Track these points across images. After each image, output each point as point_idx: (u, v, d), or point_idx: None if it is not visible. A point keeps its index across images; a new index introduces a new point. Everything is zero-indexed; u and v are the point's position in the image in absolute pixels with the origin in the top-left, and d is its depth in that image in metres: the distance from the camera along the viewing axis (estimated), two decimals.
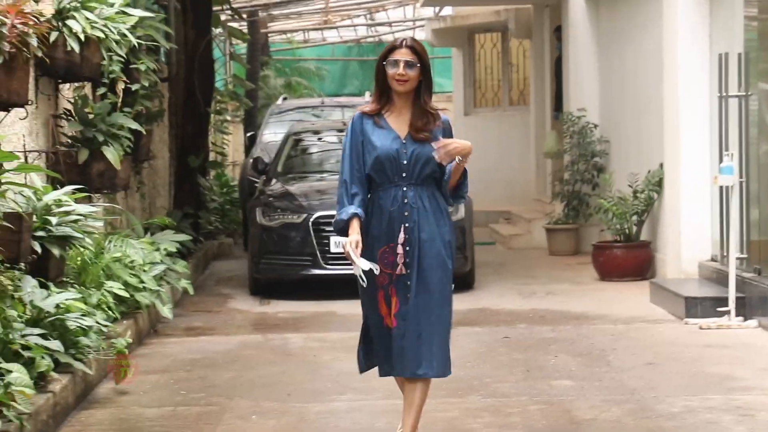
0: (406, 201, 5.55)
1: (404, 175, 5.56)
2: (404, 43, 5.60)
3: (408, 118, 5.60)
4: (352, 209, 5.59)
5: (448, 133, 5.64)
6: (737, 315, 9.44)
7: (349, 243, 5.55)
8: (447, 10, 22.54)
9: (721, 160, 10.03)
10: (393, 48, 5.60)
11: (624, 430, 6.28)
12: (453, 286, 5.72)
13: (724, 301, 9.55)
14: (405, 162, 5.54)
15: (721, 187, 10.21)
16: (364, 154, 5.61)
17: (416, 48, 5.58)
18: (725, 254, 10.14)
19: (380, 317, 5.68)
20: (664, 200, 12.00)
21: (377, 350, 5.75)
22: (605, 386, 7.39)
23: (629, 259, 12.39)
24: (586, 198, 14.71)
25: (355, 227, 5.56)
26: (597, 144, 14.68)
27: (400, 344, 5.58)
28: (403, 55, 5.54)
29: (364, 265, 5.52)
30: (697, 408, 6.72)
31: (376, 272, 5.55)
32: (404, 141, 5.59)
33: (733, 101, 10.27)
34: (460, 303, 10.99)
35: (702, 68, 11.12)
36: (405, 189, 5.57)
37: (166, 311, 9.45)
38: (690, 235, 11.15)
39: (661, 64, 11.73)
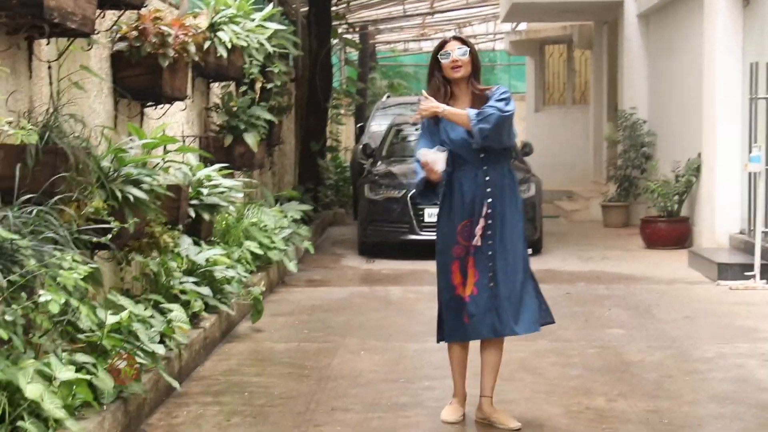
0: (487, 179, 5.11)
1: (481, 156, 5.11)
2: (451, 37, 5.20)
3: (467, 105, 5.10)
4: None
5: (493, 98, 5.07)
6: (761, 278, 9.26)
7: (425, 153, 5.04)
8: (522, 25, 22.34)
9: (750, 151, 9.83)
10: (443, 43, 5.15)
11: (666, 371, 6.19)
12: (530, 250, 5.38)
13: (750, 267, 9.37)
14: (476, 147, 5.10)
15: (750, 173, 10.01)
16: (440, 136, 5.13)
17: (463, 39, 5.19)
18: (752, 228, 9.94)
19: (453, 287, 5.14)
20: (701, 183, 11.79)
21: (447, 319, 5.20)
22: (650, 335, 7.30)
23: (671, 231, 12.21)
24: (636, 181, 14.51)
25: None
26: (645, 136, 14.47)
27: (484, 308, 5.06)
28: (453, 46, 5.10)
29: (437, 156, 5.01)
30: (728, 354, 6.61)
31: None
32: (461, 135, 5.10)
33: (761, 102, 10.04)
34: (531, 265, 10.95)
35: (735, 74, 10.90)
36: (485, 168, 5.11)
37: (292, 266, 9.55)
38: (723, 212, 10.96)
39: (701, 70, 11.52)
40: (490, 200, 5.14)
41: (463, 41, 5.16)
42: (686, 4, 12.64)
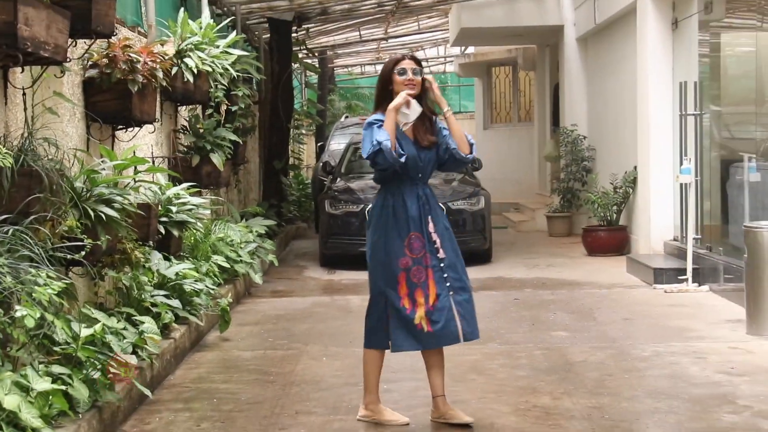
0: (425, 196, 5.06)
1: (420, 175, 5.06)
2: (406, 55, 5.13)
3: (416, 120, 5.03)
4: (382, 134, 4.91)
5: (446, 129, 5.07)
6: (693, 282, 9.38)
7: (403, 97, 4.94)
8: (470, 49, 22.49)
9: (681, 163, 9.95)
10: (398, 60, 5.07)
11: (606, 369, 6.25)
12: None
13: (683, 271, 9.49)
14: (422, 165, 5.04)
15: (681, 184, 10.13)
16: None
17: (417, 58, 5.13)
18: (684, 235, 10.07)
19: (399, 297, 5.01)
20: (637, 194, 11.91)
21: (394, 328, 5.03)
22: (592, 336, 7.37)
23: (610, 239, 12.32)
24: (578, 192, 14.64)
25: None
26: (586, 151, 14.60)
27: (447, 317, 4.98)
28: (409, 64, 5.04)
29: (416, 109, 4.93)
30: (663, 352, 6.69)
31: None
32: (420, 147, 5.06)
33: (690, 118, 10.20)
34: (481, 273, 11.03)
35: (666, 93, 11.03)
36: (423, 186, 5.08)
37: (257, 278, 9.52)
38: (657, 220, 11.07)
39: (635, 89, 11.65)
40: (430, 216, 5.09)
41: (417, 61, 5.10)
42: (621, 28, 12.79)
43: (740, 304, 7.77)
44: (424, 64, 28.85)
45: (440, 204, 5.21)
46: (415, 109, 4.99)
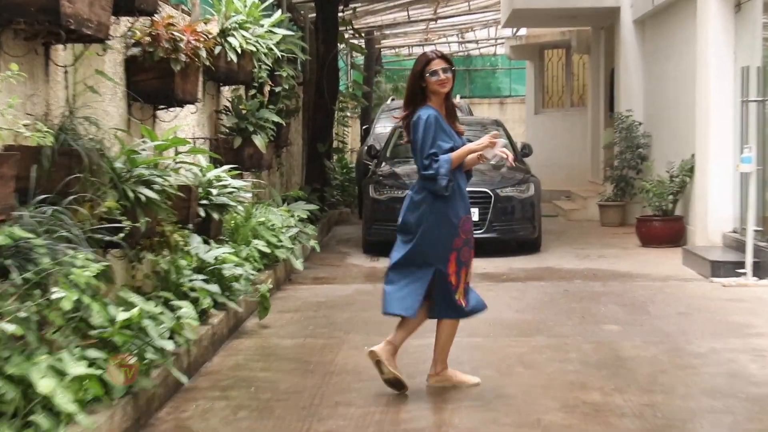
0: (468, 182, 5.71)
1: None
2: (437, 54, 5.49)
3: (443, 113, 5.54)
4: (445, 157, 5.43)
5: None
6: (753, 275, 9.23)
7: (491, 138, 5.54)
8: (522, 31, 22.32)
9: (742, 152, 9.79)
10: (429, 60, 5.44)
11: (660, 365, 6.17)
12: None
13: (742, 265, 9.34)
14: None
15: (741, 174, 9.97)
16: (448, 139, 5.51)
17: (447, 57, 5.51)
18: (744, 227, 9.91)
19: (447, 274, 5.51)
20: (694, 183, 11.75)
21: (437, 298, 5.56)
22: (645, 330, 7.28)
23: (666, 229, 12.18)
24: (632, 181, 14.48)
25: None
26: (641, 138, 14.43)
27: (474, 294, 5.77)
28: (439, 64, 5.44)
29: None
30: (720, 349, 6.58)
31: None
32: (459, 135, 5.62)
33: (752, 105, 10.00)
34: (530, 262, 10.96)
35: (728, 78, 10.86)
36: (465, 173, 5.70)
37: (298, 264, 9.53)
38: (715, 211, 10.92)
39: (695, 74, 11.48)
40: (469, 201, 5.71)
41: (447, 59, 5.48)
42: (681, 10, 12.60)
43: None
44: (473, 45, 28.75)
45: (488, 191, 5.84)
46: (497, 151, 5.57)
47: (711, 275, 9.51)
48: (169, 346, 5.27)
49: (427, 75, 5.44)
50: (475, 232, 11.35)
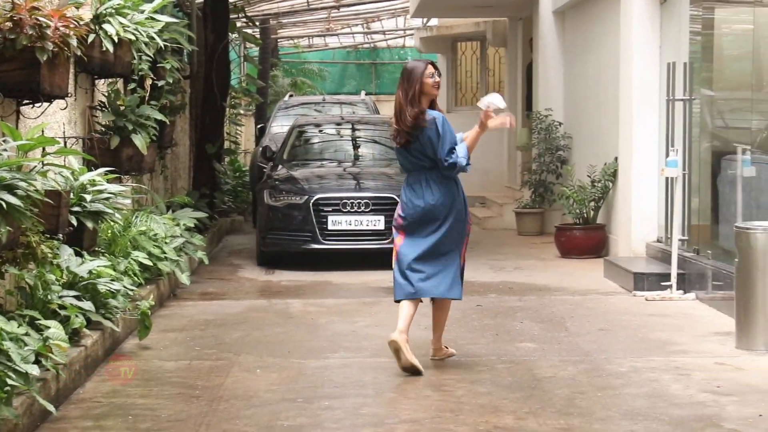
0: None
1: None
2: (430, 62, 6.83)
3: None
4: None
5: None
6: (678, 289, 9.48)
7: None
8: (433, 21, 22.54)
9: (667, 155, 10.05)
10: (427, 64, 6.82)
11: (578, 387, 6.30)
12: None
13: (667, 277, 9.59)
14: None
15: (667, 178, 10.23)
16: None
17: (436, 65, 6.85)
18: (669, 236, 10.16)
19: (461, 256, 6.97)
20: (617, 189, 12.02)
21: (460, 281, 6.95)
22: (563, 348, 7.42)
23: (586, 239, 12.42)
24: (551, 186, 14.73)
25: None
26: (561, 139, 14.69)
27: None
28: (433, 68, 6.79)
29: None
30: (642, 368, 6.75)
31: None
32: None
33: (678, 104, 10.29)
34: None
35: (652, 75, 11.12)
36: None
37: (184, 278, 9.46)
38: (639, 219, 11.16)
39: (618, 70, 11.74)
40: None
41: (436, 67, 6.83)
42: (603, 0, 12.88)
43: (730, 314, 7.88)
44: (381, 36, 29.02)
45: (395, 196, 6.34)
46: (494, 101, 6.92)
47: (634, 288, 9.74)
48: (34, 370, 5.18)
49: (428, 78, 6.73)
50: (380, 242, 11.62)
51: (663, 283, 9.58)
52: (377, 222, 11.60)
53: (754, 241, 7.27)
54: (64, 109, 8.24)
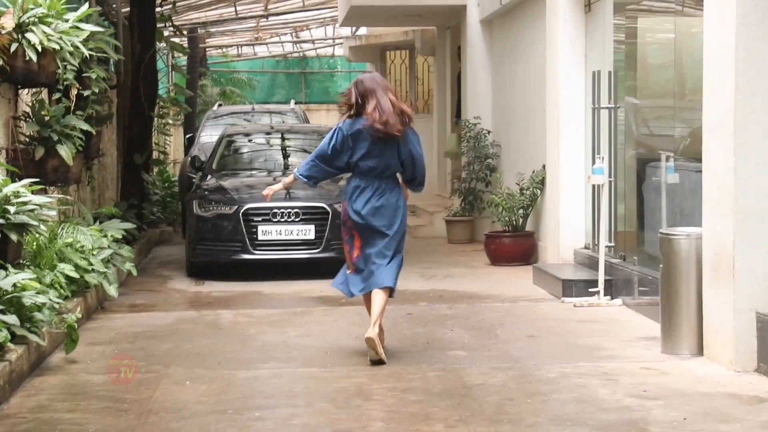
0: None
1: None
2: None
3: None
4: None
5: None
6: (605, 295, 9.59)
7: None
8: (362, 30, 22.60)
9: (593, 162, 10.15)
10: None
11: (508, 393, 6.36)
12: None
13: (594, 283, 9.69)
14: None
15: (593, 186, 10.34)
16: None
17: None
18: (596, 243, 10.29)
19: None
20: (545, 196, 12.13)
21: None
22: (493, 356, 7.48)
23: (516, 246, 12.52)
24: (480, 194, 14.83)
25: None
26: (490, 147, 14.80)
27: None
28: None
29: None
30: (570, 374, 6.83)
31: None
32: None
33: (604, 112, 10.42)
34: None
35: (578, 83, 11.25)
36: None
37: (112, 290, 9.37)
38: (567, 226, 11.27)
39: (544, 79, 11.87)
40: None
41: None
42: (530, 9, 13.02)
43: (656, 319, 7.99)
44: (310, 45, 28.94)
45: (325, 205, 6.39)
46: None
47: (562, 295, 9.85)
48: None
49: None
50: (311, 251, 11.61)
51: (591, 290, 9.69)
52: (307, 231, 11.59)
53: (677, 247, 7.39)
54: None
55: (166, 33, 17.89)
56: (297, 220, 11.58)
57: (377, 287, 7.35)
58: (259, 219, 11.59)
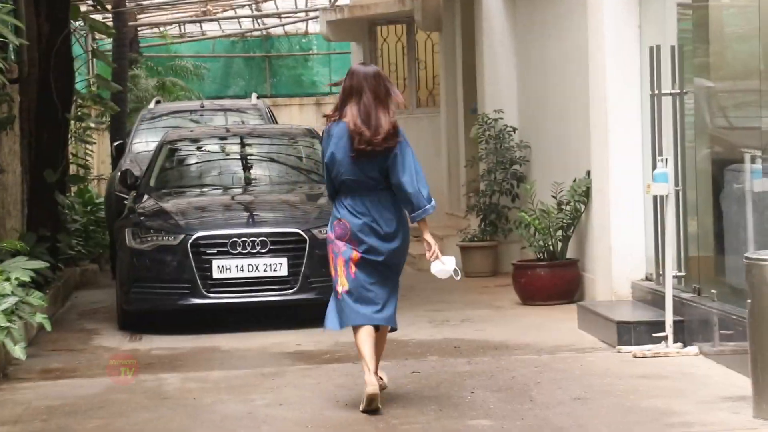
0: None
1: None
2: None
3: None
4: None
5: None
6: (675, 341, 9.55)
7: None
8: (344, 0, 22.60)
9: (654, 167, 10.13)
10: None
11: None
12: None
13: (660, 326, 9.65)
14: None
15: (654, 197, 10.31)
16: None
17: None
18: (661, 272, 10.25)
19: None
20: (592, 212, 12.10)
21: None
22: (528, 425, 7.43)
23: (554, 279, 12.49)
24: (505, 211, 14.80)
25: None
26: (516, 150, 14.77)
27: None
28: None
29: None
30: None
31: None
32: None
33: (666, 100, 10.39)
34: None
35: (632, 63, 11.24)
36: None
37: (18, 351, 9.28)
38: (621, 251, 11.24)
39: (586, 59, 11.85)
40: None
41: None
42: None
43: (744, 373, 7.96)
44: (275, 21, 29.17)
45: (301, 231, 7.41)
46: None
47: (618, 342, 9.80)
48: None
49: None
50: (283, 292, 11.56)
51: (655, 335, 9.65)
52: (278, 266, 11.54)
53: None
54: None
55: (83, 8, 17.89)
56: (264, 251, 11.54)
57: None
58: (214, 251, 11.54)
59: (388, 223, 8.19)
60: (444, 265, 8.46)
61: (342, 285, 7.96)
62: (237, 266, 11.53)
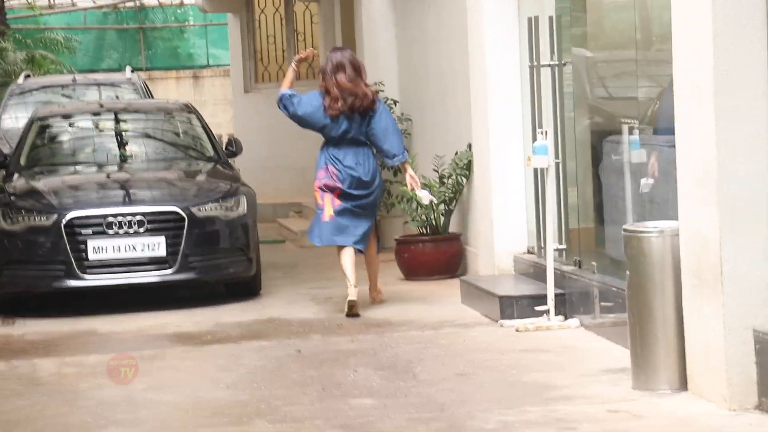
0: None
1: None
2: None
3: None
4: None
5: None
6: (557, 314, 9.68)
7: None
8: None
9: (534, 139, 10.20)
10: None
11: None
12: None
13: (542, 299, 9.77)
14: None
15: (535, 170, 10.40)
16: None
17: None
18: (542, 246, 10.37)
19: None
20: (473, 186, 12.17)
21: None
22: (411, 403, 7.50)
23: (437, 254, 12.56)
24: (387, 185, 14.84)
25: None
26: (398, 122, 14.80)
27: None
28: None
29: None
30: (514, 423, 6.88)
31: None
32: None
33: (545, 71, 10.45)
34: (244, 313, 11.08)
35: (511, 35, 11.29)
36: None
37: None
38: (503, 225, 11.31)
39: (465, 31, 11.90)
40: None
41: None
42: None
43: (624, 345, 8.07)
44: None
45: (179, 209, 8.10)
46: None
47: (501, 316, 9.91)
48: None
49: None
50: (162, 272, 11.51)
51: (537, 308, 9.76)
52: (156, 246, 11.49)
53: (647, 248, 7.45)
54: None
55: None
56: (142, 230, 11.48)
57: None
58: (89, 231, 11.46)
59: (366, 169, 10.75)
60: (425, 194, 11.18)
61: (328, 213, 10.78)
62: (113, 246, 11.46)
